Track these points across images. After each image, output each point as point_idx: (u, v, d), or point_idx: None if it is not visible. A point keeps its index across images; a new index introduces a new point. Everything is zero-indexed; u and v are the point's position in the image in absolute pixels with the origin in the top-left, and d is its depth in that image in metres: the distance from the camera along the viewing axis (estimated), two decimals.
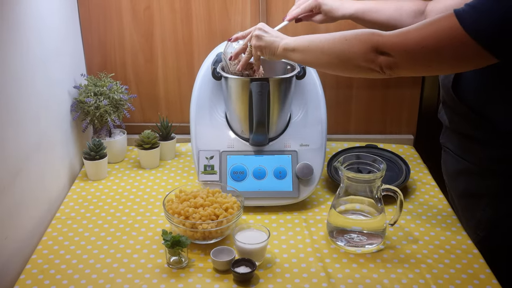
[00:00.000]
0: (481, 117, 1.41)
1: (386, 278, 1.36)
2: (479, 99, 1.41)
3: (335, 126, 2.07)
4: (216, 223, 1.43)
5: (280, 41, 1.46)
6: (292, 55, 1.44)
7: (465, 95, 1.43)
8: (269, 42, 1.48)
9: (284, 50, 1.45)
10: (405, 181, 1.74)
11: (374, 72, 1.29)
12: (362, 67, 1.30)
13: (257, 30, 1.50)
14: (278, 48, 1.46)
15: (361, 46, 1.28)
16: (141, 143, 1.87)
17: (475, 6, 1.15)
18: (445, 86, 1.48)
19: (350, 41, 1.30)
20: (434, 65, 1.23)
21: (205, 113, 1.71)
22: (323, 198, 1.71)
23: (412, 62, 1.24)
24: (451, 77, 1.45)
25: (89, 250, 1.46)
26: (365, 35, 1.29)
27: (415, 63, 1.25)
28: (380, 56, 1.25)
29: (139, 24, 1.94)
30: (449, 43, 1.17)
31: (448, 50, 1.18)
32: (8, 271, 1.38)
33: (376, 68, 1.27)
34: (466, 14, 1.15)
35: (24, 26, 1.47)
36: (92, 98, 1.80)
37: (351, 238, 1.47)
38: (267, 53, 1.49)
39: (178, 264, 1.40)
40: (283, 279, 1.36)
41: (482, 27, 1.13)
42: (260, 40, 1.49)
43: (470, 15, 1.15)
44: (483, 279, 1.35)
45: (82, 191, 1.75)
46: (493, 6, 1.13)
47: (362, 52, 1.28)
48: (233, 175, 1.64)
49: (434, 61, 1.22)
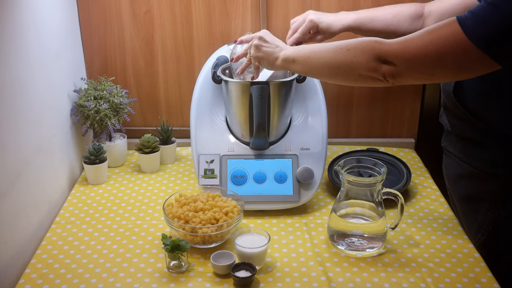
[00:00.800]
0: (482, 121, 1.41)
1: (387, 282, 1.36)
2: (480, 103, 1.41)
3: (336, 130, 2.07)
4: (216, 227, 1.43)
5: (279, 52, 1.44)
6: (293, 66, 1.42)
7: (466, 100, 1.43)
8: (268, 53, 1.45)
9: (283, 61, 1.43)
10: (406, 185, 1.73)
11: (377, 81, 1.28)
12: (365, 77, 1.28)
13: (256, 40, 1.48)
14: (278, 59, 1.43)
15: (363, 55, 1.27)
16: (141, 147, 1.86)
17: (478, 13, 1.14)
18: (446, 91, 1.48)
19: (352, 51, 1.29)
20: (437, 72, 1.21)
21: (206, 117, 1.71)
22: (323, 202, 1.71)
23: (415, 70, 1.23)
24: (452, 82, 1.45)
25: (89, 254, 1.46)
26: (367, 44, 1.27)
27: (417, 71, 1.23)
28: (383, 65, 1.24)
29: (139, 28, 1.94)
30: (452, 50, 1.16)
31: (450, 57, 1.17)
32: (8, 276, 1.37)
33: (379, 77, 1.26)
34: (468, 21, 1.14)
35: (24, 30, 1.47)
36: (92, 102, 1.80)
37: (352, 242, 1.47)
38: (265, 64, 1.48)
39: (178, 269, 1.40)
40: (283, 284, 1.35)
41: (485, 33, 1.13)
42: (259, 50, 1.47)
43: (473, 21, 1.14)
44: (484, 283, 1.35)
45: (82, 195, 1.74)
46: (495, 13, 1.12)
47: (364, 61, 1.26)
48: (233, 179, 1.63)
49: (436, 68, 1.20)
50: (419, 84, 2.02)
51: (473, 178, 1.49)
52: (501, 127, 1.39)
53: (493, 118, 1.39)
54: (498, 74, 1.21)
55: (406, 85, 2.01)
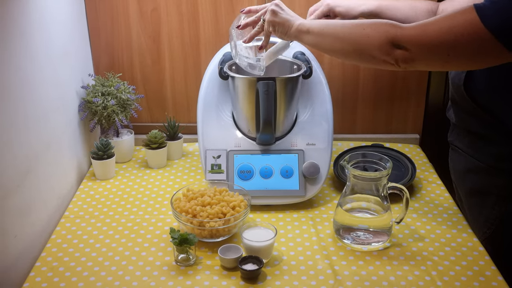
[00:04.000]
0: (491, 115, 1.42)
1: (392, 275, 1.37)
2: (489, 97, 1.42)
3: (341, 126, 2.08)
4: (224, 221, 1.45)
5: (295, 21, 1.42)
6: (306, 37, 1.40)
7: (475, 93, 1.43)
8: (284, 20, 1.43)
9: (298, 30, 1.41)
10: (411, 179, 1.75)
11: (388, 65, 1.27)
12: (377, 59, 1.27)
13: (273, 5, 1.45)
14: (292, 27, 1.42)
15: (378, 37, 1.25)
16: (149, 143, 1.88)
17: (497, 2, 1.13)
18: (455, 84, 1.48)
19: (367, 30, 1.27)
20: (451, 60, 1.20)
21: (212, 113, 1.73)
22: (329, 196, 1.72)
23: (429, 56, 1.22)
24: (462, 75, 1.45)
25: (98, 248, 1.48)
26: (383, 26, 1.26)
27: (431, 58, 1.22)
28: (396, 49, 1.23)
29: (146, 25, 1.96)
30: (468, 38, 1.15)
31: (466, 45, 1.16)
32: (18, 269, 1.40)
33: (391, 61, 1.25)
34: (487, 9, 1.13)
35: (32, 27, 1.49)
36: (99, 98, 1.82)
37: (358, 236, 1.48)
38: (280, 30, 1.45)
39: (186, 262, 1.41)
40: (290, 276, 1.37)
41: (503, 23, 1.11)
42: (276, 15, 1.44)
43: (491, 10, 1.13)
44: (489, 276, 1.36)
45: (90, 190, 1.76)
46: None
47: (378, 43, 1.25)
48: (240, 174, 1.65)
49: (451, 56, 1.19)
50: (424, 81, 2.03)
51: (480, 172, 1.50)
52: (509, 122, 1.39)
53: (502, 113, 1.40)
54: (508, 67, 1.22)
55: (411, 82, 2.03)
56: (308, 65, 1.66)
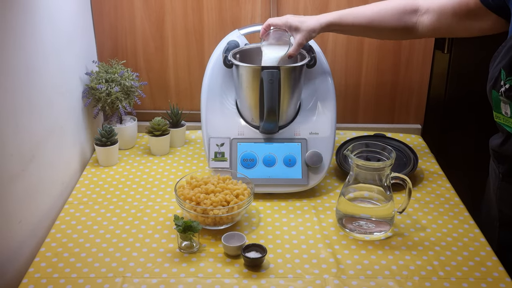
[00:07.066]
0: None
1: (394, 264, 1.38)
2: None
3: (343, 115, 2.09)
4: (227, 209, 1.45)
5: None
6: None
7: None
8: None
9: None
10: (413, 170, 1.76)
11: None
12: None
13: None
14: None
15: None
16: (152, 130, 1.89)
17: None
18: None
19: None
20: None
21: (216, 101, 1.73)
22: (331, 186, 1.73)
23: None
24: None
25: (102, 234, 1.49)
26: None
27: None
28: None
29: (150, 12, 1.95)
30: None
31: None
32: (23, 254, 1.40)
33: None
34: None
35: (36, 14, 1.48)
36: (103, 85, 1.82)
37: (360, 225, 1.49)
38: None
39: (190, 249, 1.42)
40: (293, 264, 1.38)
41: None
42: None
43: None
44: (490, 267, 1.37)
45: (93, 177, 1.77)
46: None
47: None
48: (243, 162, 1.65)
49: None
50: (427, 72, 2.03)
51: None
52: None
53: None
54: None
55: (413, 73, 2.03)
56: (312, 55, 1.66)
